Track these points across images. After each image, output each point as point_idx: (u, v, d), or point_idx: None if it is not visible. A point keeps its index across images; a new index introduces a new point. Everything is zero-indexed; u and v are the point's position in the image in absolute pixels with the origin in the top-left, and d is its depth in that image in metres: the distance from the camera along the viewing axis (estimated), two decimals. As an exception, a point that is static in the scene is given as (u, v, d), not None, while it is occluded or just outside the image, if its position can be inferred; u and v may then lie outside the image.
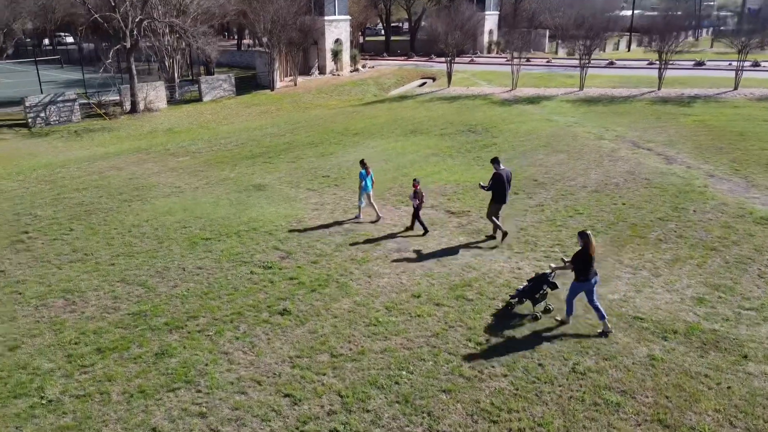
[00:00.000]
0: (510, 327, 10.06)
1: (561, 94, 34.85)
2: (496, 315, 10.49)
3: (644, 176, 18.55)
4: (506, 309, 10.56)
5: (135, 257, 13.24)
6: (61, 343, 9.88)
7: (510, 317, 10.36)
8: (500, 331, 9.95)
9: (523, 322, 10.24)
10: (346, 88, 41.16)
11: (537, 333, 9.87)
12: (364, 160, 15.25)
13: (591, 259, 9.53)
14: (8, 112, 31.61)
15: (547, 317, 10.37)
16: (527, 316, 10.39)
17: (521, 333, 9.90)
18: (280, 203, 16.71)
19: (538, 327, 10.06)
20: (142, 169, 21.04)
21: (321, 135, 25.79)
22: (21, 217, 16.14)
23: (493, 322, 10.27)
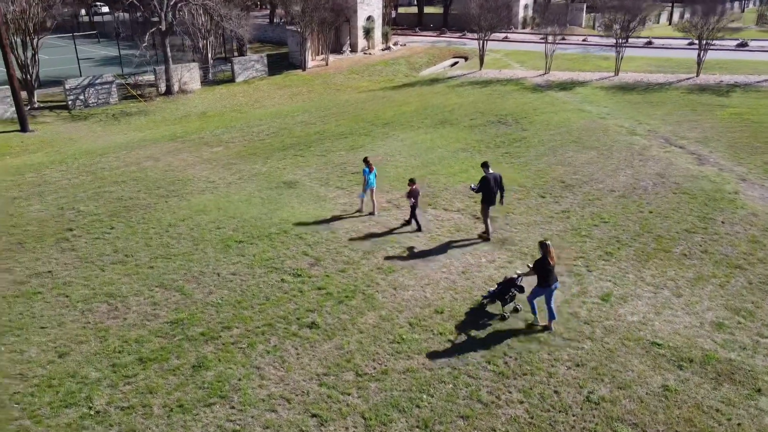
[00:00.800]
0: (528, 351, 10.42)
1: (595, 80, 34.28)
2: (515, 335, 10.86)
3: (674, 180, 18.46)
4: (480, 308, 11.54)
5: (172, 260, 13.90)
6: (106, 351, 10.60)
7: (529, 340, 10.72)
8: (519, 354, 10.33)
9: (539, 343, 10.60)
10: (377, 68, 41.10)
11: (556, 358, 10.22)
12: (367, 158, 16.06)
13: (550, 266, 10.39)
14: (49, 93, 32.52)
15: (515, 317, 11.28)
16: (496, 316, 11.30)
17: (539, 357, 10.26)
18: (309, 203, 17.18)
19: (557, 352, 10.41)
20: (178, 160, 21.67)
21: (351, 124, 26.04)
22: (65, 212, 16.94)
23: (511, 342, 10.64)
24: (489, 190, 14.03)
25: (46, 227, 15.93)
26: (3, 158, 23.25)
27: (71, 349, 10.71)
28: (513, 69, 38.35)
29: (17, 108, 26.59)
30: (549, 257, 10.42)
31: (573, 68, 37.77)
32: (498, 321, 11.23)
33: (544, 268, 10.45)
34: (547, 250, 10.42)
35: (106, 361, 10.34)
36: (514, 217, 16.00)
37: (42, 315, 11.79)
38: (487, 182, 14.04)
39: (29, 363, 10.35)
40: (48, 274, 13.41)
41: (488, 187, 14.01)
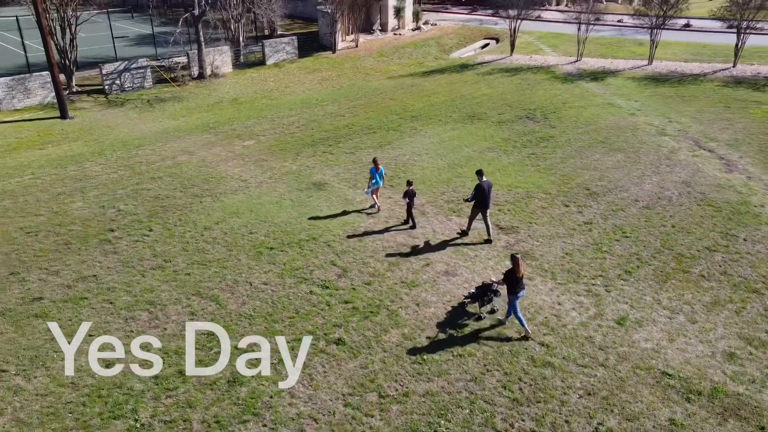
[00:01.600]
0: (543, 377, 10.97)
1: (628, 69, 33.80)
2: (530, 358, 11.40)
3: (700, 189, 18.52)
4: (460, 307, 12.86)
5: (207, 267, 14.67)
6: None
7: (544, 365, 11.25)
8: (533, 379, 10.89)
9: (554, 369, 11.13)
10: (407, 50, 41.03)
11: (569, 386, 10.75)
12: (375, 158, 17.31)
13: (518, 277, 11.65)
14: (86, 76, 33.34)
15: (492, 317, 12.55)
16: (474, 315, 12.56)
17: (553, 384, 10.80)
18: (338, 206, 17.75)
19: (571, 379, 10.93)
20: (211, 154, 22.36)
21: (379, 117, 26.36)
22: (106, 211, 17.82)
23: (526, 367, 11.20)
24: (482, 197, 15.13)
25: (89, 227, 16.82)
26: (45, 146, 24.22)
27: (117, 359, 11.58)
28: (544, 54, 37.94)
29: (57, 95, 27.48)
30: (518, 270, 11.62)
31: (606, 54, 37.21)
32: (474, 320, 12.50)
33: (513, 279, 11.68)
34: (516, 264, 11.65)
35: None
36: (537, 228, 16.36)
37: (90, 321, 12.68)
38: (482, 190, 15.09)
39: (79, 372, 11.25)
40: (93, 278, 14.31)
41: (482, 194, 15.11)
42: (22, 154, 23.30)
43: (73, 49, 30.73)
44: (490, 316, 12.59)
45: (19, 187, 19.74)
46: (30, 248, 15.74)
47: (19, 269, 14.73)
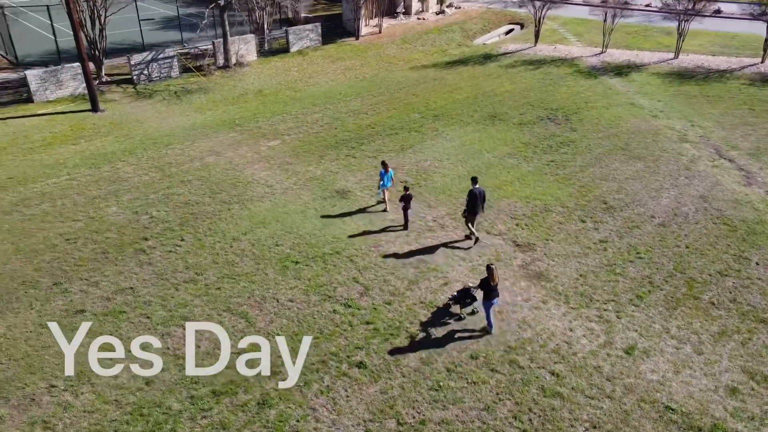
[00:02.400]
0: (552, 408, 11.67)
1: (653, 63, 33.50)
2: (541, 388, 12.09)
3: (716, 206, 18.79)
4: (445, 308, 14.18)
5: (237, 281, 15.50)
6: (184, 381, 12.38)
7: (553, 395, 11.93)
8: (543, 410, 11.59)
9: (562, 399, 11.82)
10: (431, 37, 40.94)
11: (575, 418, 11.45)
12: (384, 161, 18.56)
13: (493, 286, 12.99)
14: (115, 64, 34.00)
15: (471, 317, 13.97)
16: (456, 315, 13.96)
17: (561, 416, 11.49)
18: (360, 218, 18.39)
19: (578, 411, 11.62)
20: (238, 155, 23.04)
21: (401, 116, 26.70)
22: (140, 217, 18.69)
23: (537, 397, 11.90)
24: (474, 203, 16.36)
25: (124, 235, 17.72)
26: (78, 141, 25.09)
27: (156, 377, 12.53)
28: (568, 45, 37.65)
29: (89, 89, 28.22)
30: (492, 279, 12.96)
31: (632, 45, 36.81)
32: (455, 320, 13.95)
33: (488, 287, 12.99)
34: (491, 273, 13.01)
35: (185, 392, 12.12)
36: (553, 246, 16.87)
37: (128, 337, 13.63)
38: (474, 197, 16.36)
39: (122, 389, 12.23)
40: (130, 291, 15.23)
41: (474, 200, 16.35)
42: (56, 150, 24.21)
43: (103, 39, 31.33)
44: (469, 317, 13.95)
45: (57, 188, 20.66)
46: (70, 257, 16.70)
47: (61, 279, 15.70)
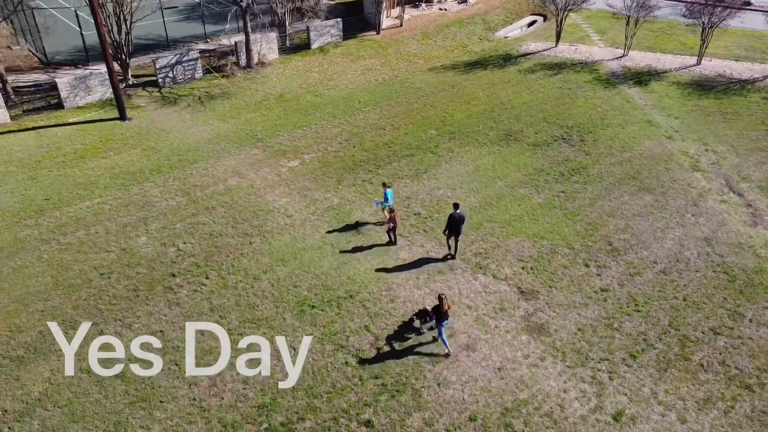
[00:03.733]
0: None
1: (674, 70, 33.29)
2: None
3: (719, 250, 19.40)
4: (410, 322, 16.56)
5: (258, 326, 16.75)
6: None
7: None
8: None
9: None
10: (452, 30, 40.85)
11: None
12: (385, 182, 20.73)
13: (443, 312, 15.16)
14: (140, 64, 34.81)
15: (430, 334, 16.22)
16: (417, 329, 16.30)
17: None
18: (373, 257, 19.39)
19: None
20: (259, 177, 24.02)
21: (418, 132, 27.27)
22: (167, 249, 19.94)
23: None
24: (453, 226, 18.39)
25: (153, 270, 19.01)
26: (107, 154, 26.26)
27: (184, 429, 13.95)
28: (590, 45, 37.37)
29: (116, 98, 29.20)
30: (442, 306, 15.14)
31: (654, 46, 36.44)
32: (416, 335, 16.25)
33: (439, 313, 15.23)
34: (441, 302, 15.19)
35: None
36: (555, 295, 17.76)
37: (159, 386, 15.04)
38: (454, 220, 18.32)
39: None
40: (160, 334, 16.59)
41: (453, 223, 18.36)
42: (87, 164, 25.43)
43: (129, 44, 32.07)
44: (428, 332, 16.23)
45: (90, 213, 21.94)
46: (105, 294, 18.08)
47: (98, 319, 17.11)
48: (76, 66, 34.61)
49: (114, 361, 15.63)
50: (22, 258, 19.65)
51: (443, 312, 15.23)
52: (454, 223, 18.31)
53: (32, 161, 25.67)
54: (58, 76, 33.04)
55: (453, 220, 18.34)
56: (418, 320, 16.53)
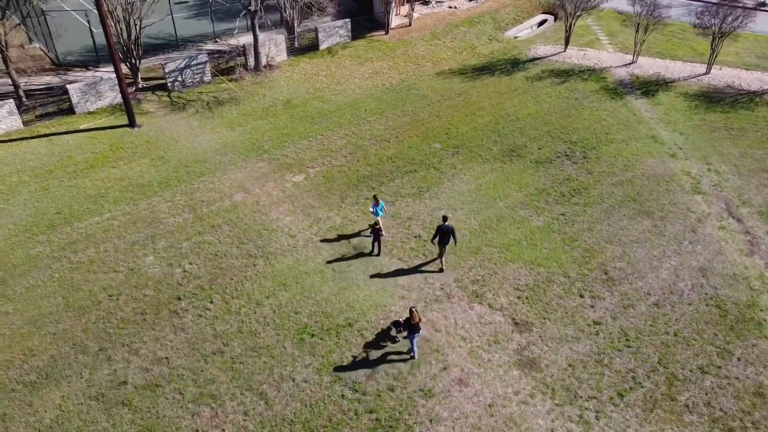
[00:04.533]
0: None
1: (682, 79, 33.10)
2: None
3: (713, 282, 19.70)
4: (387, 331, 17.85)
5: (259, 355, 17.38)
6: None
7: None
8: None
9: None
10: (461, 30, 40.69)
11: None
12: (376, 195, 21.51)
13: (413, 324, 16.33)
14: (150, 66, 35.15)
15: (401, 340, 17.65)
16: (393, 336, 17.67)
17: None
18: (372, 284, 19.87)
19: None
20: (264, 193, 24.48)
21: (422, 145, 27.51)
22: (174, 270, 20.57)
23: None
24: (443, 237, 19.44)
25: (160, 292, 19.67)
26: (117, 164, 26.83)
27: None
28: (599, 49, 37.13)
29: (125, 105, 29.61)
30: (412, 319, 16.28)
31: (664, 52, 36.16)
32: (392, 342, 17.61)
33: (410, 325, 16.39)
34: (411, 315, 16.31)
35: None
36: (549, 327, 18.21)
37: (164, 414, 15.78)
38: (443, 232, 19.37)
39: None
40: (165, 361, 17.29)
41: (443, 234, 19.40)
42: (98, 174, 26.03)
43: (139, 48, 32.38)
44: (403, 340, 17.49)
45: (99, 230, 22.57)
46: (113, 317, 18.78)
47: (106, 344, 17.83)
48: (87, 68, 35.07)
49: (122, 389, 16.34)
50: (34, 277, 20.36)
51: (414, 324, 16.34)
52: (444, 234, 19.39)
53: (44, 171, 26.29)
54: (69, 78, 33.57)
55: (441, 231, 19.40)
56: (394, 329, 17.81)
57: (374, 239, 20.86)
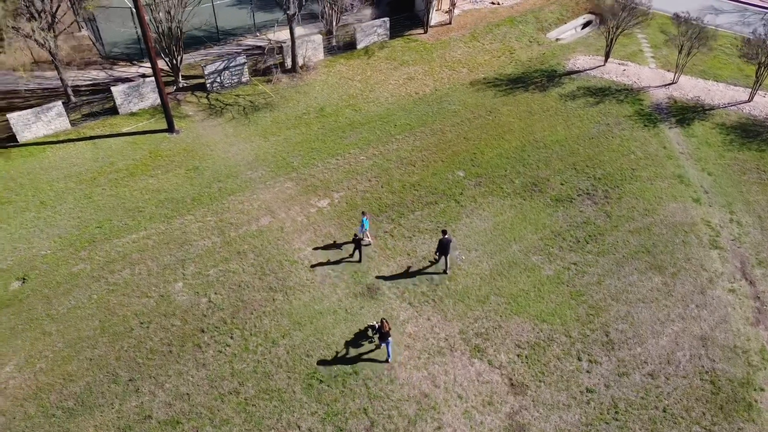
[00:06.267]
0: None
1: (722, 106, 32.26)
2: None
3: (712, 354, 20.21)
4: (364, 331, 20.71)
5: (270, 398, 19.01)
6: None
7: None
8: None
9: None
10: (501, 30, 40.12)
11: None
12: (364, 211, 24.48)
13: (384, 332, 19.15)
14: (190, 62, 36.10)
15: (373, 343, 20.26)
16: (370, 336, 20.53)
17: None
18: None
19: None
20: (290, 218, 25.68)
21: (446, 172, 28.02)
22: (200, 300, 22.22)
23: None
24: (443, 248, 22.33)
25: (186, 323, 21.38)
26: (155, 173, 28.36)
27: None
28: (640, 63, 36.20)
29: (165, 111, 30.85)
30: (383, 327, 19.16)
31: (708, 72, 35.07)
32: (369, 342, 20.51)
33: (381, 332, 19.22)
34: (383, 324, 19.21)
35: None
36: (543, 391, 19.22)
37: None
38: (442, 244, 22.24)
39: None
40: (187, 397, 19.11)
41: (443, 246, 22.29)
42: (137, 183, 27.65)
43: (180, 49, 33.29)
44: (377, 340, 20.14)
45: (135, 249, 24.28)
46: (143, 345, 20.63)
47: (135, 374, 19.73)
48: (131, 62, 36.32)
49: (146, 423, 18.26)
50: (75, 297, 22.31)
51: (384, 332, 19.24)
52: (444, 246, 22.19)
53: (88, 177, 28.04)
54: (114, 74, 34.97)
55: (442, 244, 22.24)
56: (370, 330, 20.73)
57: (356, 247, 23.55)
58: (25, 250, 24.23)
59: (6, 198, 26.73)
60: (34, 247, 24.33)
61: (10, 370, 19.88)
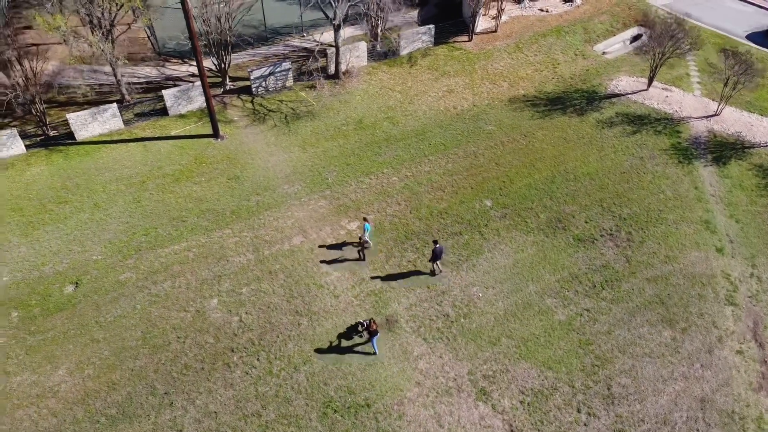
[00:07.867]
0: None
1: (763, 145, 31.81)
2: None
3: (709, 419, 21.08)
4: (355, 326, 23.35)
5: (289, 423, 20.91)
6: None
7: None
8: None
9: None
10: (548, 41, 39.90)
11: None
12: (366, 217, 26.65)
13: (372, 331, 21.90)
14: (239, 63, 37.37)
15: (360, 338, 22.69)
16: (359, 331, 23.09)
17: None
18: (394, 363, 22.64)
19: None
20: (320, 239, 27.18)
21: (473, 201, 28.86)
22: (232, 319, 24.16)
23: None
24: (435, 256, 24.73)
25: (218, 341, 23.38)
26: (199, 180, 30.17)
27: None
28: (685, 90, 35.64)
29: (210, 117, 32.42)
30: (370, 326, 21.86)
31: (754, 103, 34.36)
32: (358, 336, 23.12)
33: (369, 331, 21.89)
34: (370, 324, 21.90)
35: None
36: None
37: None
38: (434, 253, 24.69)
39: None
40: (214, 415, 21.22)
41: (434, 254, 24.70)
42: (182, 189, 29.54)
43: (228, 55, 34.54)
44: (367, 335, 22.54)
45: (177, 261, 26.29)
46: (179, 360, 22.75)
47: (170, 388, 21.90)
48: (183, 60, 37.82)
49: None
50: (121, 306, 24.52)
51: (372, 330, 21.97)
52: (436, 254, 24.70)
53: (137, 180, 30.06)
54: (166, 72, 36.60)
55: (434, 253, 24.71)
56: (360, 326, 23.21)
57: (360, 248, 26.00)
58: (79, 253, 26.50)
59: (63, 197, 29.00)
60: (87, 251, 26.57)
61: (62, 373, 22.30)
